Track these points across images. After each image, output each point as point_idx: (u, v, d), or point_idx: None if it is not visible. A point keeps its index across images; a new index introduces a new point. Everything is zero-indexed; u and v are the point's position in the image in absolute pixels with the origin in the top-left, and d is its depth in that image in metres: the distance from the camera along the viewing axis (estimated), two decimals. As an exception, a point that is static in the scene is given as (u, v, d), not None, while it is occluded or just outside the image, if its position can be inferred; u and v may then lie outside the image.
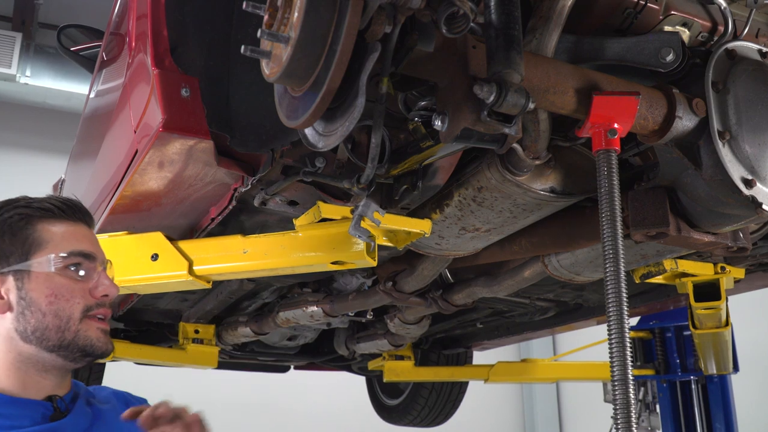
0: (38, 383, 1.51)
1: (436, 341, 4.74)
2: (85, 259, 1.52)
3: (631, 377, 1.42)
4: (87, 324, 1.50)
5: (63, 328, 1.48)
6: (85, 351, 1.50)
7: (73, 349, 1.49)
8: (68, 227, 1.54)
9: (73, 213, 1.56)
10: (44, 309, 1.47)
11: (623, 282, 1.46)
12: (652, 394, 5.08)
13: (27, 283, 1.48)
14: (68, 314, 1.48)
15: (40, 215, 1.52)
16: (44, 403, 1.51)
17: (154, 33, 1.92)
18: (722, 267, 2.73)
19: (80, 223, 1.57)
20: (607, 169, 1.53)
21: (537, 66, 1.50)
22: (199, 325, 3.87)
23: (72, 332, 1.48)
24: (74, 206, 1.58)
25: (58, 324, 1.47)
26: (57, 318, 1.47)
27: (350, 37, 1.24)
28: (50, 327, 1.47)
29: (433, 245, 2.30)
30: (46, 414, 1.49)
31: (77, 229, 1.55)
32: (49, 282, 1.48)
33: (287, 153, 1.92)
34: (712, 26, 1.79)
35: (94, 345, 1.51)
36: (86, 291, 1.51)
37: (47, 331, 1.47)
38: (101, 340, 1.52)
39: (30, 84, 7.88)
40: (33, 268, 1.48)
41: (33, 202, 1.55)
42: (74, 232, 1.54)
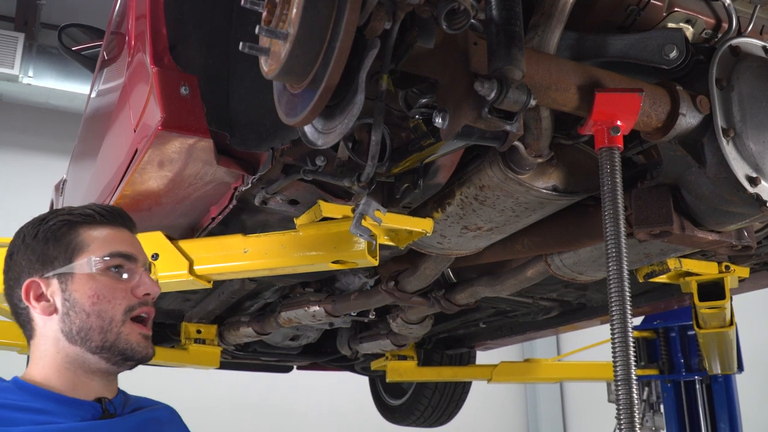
0: (86, 384, 1.55)
1: (439, 341, 4.73)
2: (126, 260, 1.57)
3: (635, 377, 1.40)
4: (129, 327, 1.54)
5: (106, 329, 1.52)
6: (125, 354, 1.54)
7: (114, 351, 1.53)
8: (109, 231, 1.60)
9: (114, 218, 1.62)
10: (88, 309, 1.52)
11: (626, 281, 1.44)
12: (656, 394, 5.07)
13: (71, 285, 1.53)
14: (111, 315, 1.52)
15: (81, 221, 1.59)
16: (93, 404, 1.54)
17: (153, 31, 1.91)
18: (726, 266, 2.71)
19: (121, 227, 1.63)
20: (610, 166, 1.51)
21: (539, 63, 1.48)
22: (201, 325, 3.87)
23: (114, 334, 1.52)
24: (115, 212, 1.64)
25: (101, 324, 1.52)
26: (100, 318, 1.52)
27: (349, 34, 1.23)
28: (94, 327, 1.51)
29: (435, 244, 2.29)
30: (95, 414, 1.53)
31: (118, 233, 1.61)
32: (91, 283, 1.53)
33: (287, 152, 1.90)
34: (716, 23, 1.77)
35: (134, 349, 1.54)
36: (128, 291, 1.55)
37: (91, 332, 1.52)
38: (141, 344, 1.55)
39: (33, 84, 7.88)
40: (76, 270, 1.54)
41: (75, 210, 1.62)
42: (115, 236, 1.59)
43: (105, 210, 1.63)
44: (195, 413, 8.64)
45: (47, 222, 1.59)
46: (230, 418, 8.63)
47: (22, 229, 1.62)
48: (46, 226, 1.58)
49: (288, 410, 8.96)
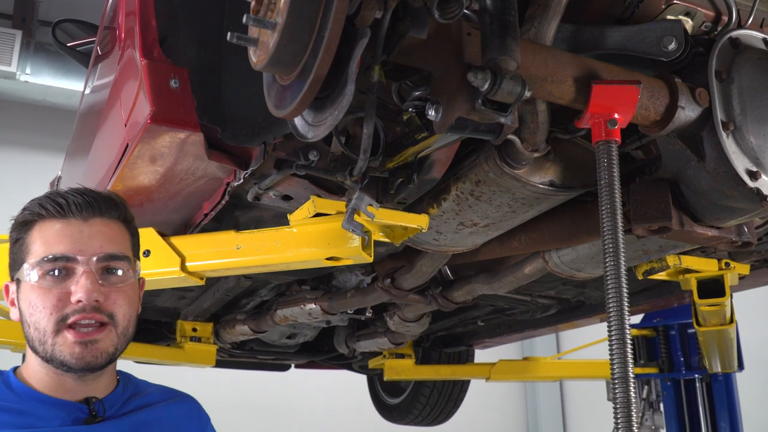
0: (68, 383, 1.47)
1: (437, 339, 4.71)
2: (61, 261, 1.43)
3: (632, 375, 1.37)
4: (62, 338, 1.41)
5: (42, 340, 1.42)
6: (63, 365, 1.42)
7: (56, 362, 1.42)
8: (55, 228, 1.46)
9: (67, 208, 1.47)
10: (28, 320, 1.44)
11: (623, 276, 1.42)
12: (656, 393, 5.05)
13: (20, 294, 1.46)
14: (44, 326, 1.41)
15: (36, 218, 1.47)
16: (79, 405, 1.46)
17: (143, 23, 1.88)
18: (726, 263, 2.68)
19: (72, 218, 1.47)
20: (607, 160, 1.48)
21: (534, 54, 1.45)
22: (197, 323, 3.85)
23: (49, 345, 1.41)
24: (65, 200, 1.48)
25: (38, 336, 1.42)
26: (37, 330, 1.42)
27: (338, 23, 1.20)
28: (34, 338, 1.43)
29: (431, 241, 2.26)
30: (80, 417, 1.45)
31: (64, 228, 1.46)
32: (29, 291, 1.43)
33: (280, 146, 1.88)
34: (715, 16, 1.74)
35: (68, 361, 1.41)
36: (57, 299, 1.42)
37: (33, 343, 1.44)
38: (75, 354, 1.41)
39: (30, 82, 7.85)
40: (20, 277, 1.46)
41: (35, 202, 1.50)
42: (58, 234, 1.45)
43: (54, 200, 1.47)
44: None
45: (18, 217, 1.51)
46: (228, 417, 8.60)
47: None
48: (14, 224, 1.50)
49: (286, 409, 8.94)
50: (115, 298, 1.46)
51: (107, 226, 1.50)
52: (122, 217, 1.54)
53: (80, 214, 1.47)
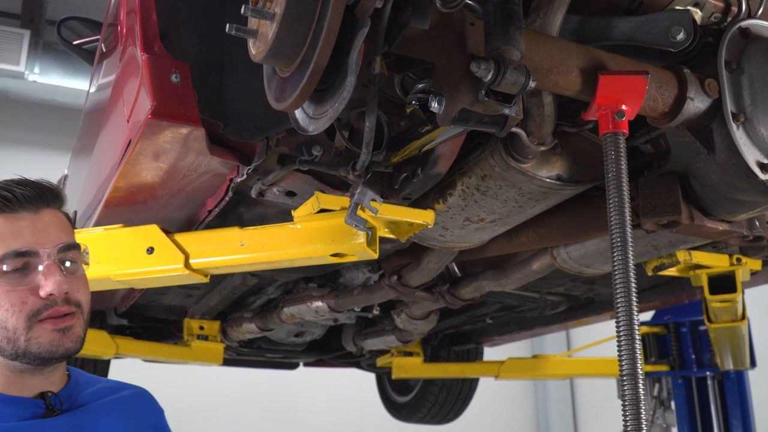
0: (23, 381, 1.45)
1: (445, 337, 4.69)
2: (23, 257, 1.40)
3: (641, 372, 1.35)
4: (39, 330, 1.39)
5: (12, 338, 1.38)
6: (41, 357, 1.40)
7: (29, 357, 1.40)
8: (10, 222, 1.41)
9: (17, 202, 1.42)
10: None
11: (632, 272, 1.39)
12: (667, 391, 5.02)
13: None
14: (13, 324, 1.38)
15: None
16: (35, 400, 1.45)
17: (143, 18, 1.86)
18: (738, 258, 2.65)
19: (22, 211, 1.43)
20: (615, 153, 1.46)
21: (539, 44, 1.43)
22: (204, 321, 3.84)
23: (22, 341, 1.38)
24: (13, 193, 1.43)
25: (6, 335, 1.38)
26: (4, 329, 1.38)
27: (338, 12, 1.17)
28: (1, 338, 1.39)
29: (437, 237, 2.24)
30: (36, 412, 1.43)
31: (15, 222, 1.42)
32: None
33: (283, 141, 1.86)
34: (725, 6, 1.71)
35: (48, 350, 1.40)
36: (29, 294, 1.39)
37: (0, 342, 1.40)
38: (54, 343, 1.40)
39: (38, 81, 7.87)
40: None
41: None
42: (10, 228, 1.41)
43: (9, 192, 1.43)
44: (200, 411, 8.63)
45: None
46: (235, 416, 8.61)
47: None
48: None
49: (294, 408, 8.94)
50: (78, 286, 1.46)
51: (56, 216, 1.48)
52: (62, 205, 1.52)
53: (30, 206, 1.44)
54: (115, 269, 2.25)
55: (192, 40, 1.94)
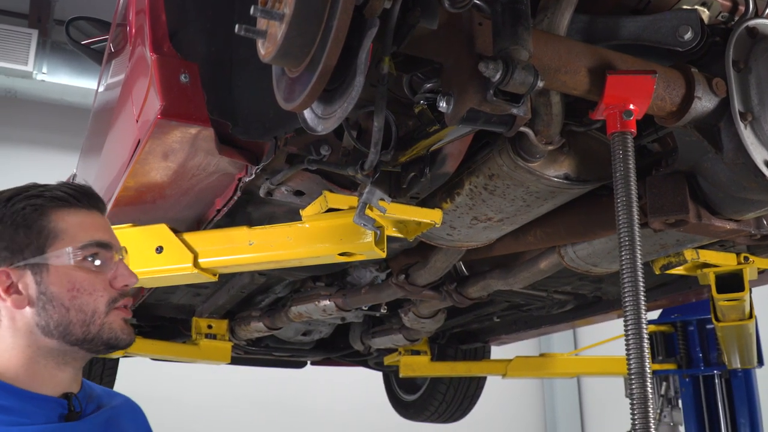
0: (54, 378, 1.47)
1: (453, 336, 4.69)
2: (103, 249, 1.47)
3: (649, 370, 1.35)
4: (113, 317, 1.47)
5: (88, 322, 1.44)
6: (109, 343, 1.47)
7: (97, 342, 1.46)
8: (83, 216, 1.48)
9: (87, 200, 1.50)
10: (67, 304, 1.43)
11: (640, 271, 1.39)
12: (675, 389, 5.00)
13: (46, 277, 1.43)
14: (93, 308, 1.44)
15: (53, 205, 1.46)
16: (60, 400, 1.47)
17: (152, 18, 1.87)
18: (745, 257, 2.65)
19: (94, 210, 1.51)
20: (623, 152, 1.46)
21: (547, 44, 1.43)
22: (212, 320, 3.85)
23: (97, 326, 1.45)
24: (87, 193, 1.52)
25: (83, 318, 1.44)
26: (81, 312, 1.43)
27: (347, 13, 1.18)
28: (74, 322, 1.43)
29: (445, 236, 2.25)
30: (62, 413, 1.46)
31: (92, 218, 1.50)
32: (69, 276, 1.44)
33: (291, 141, 1.86)
34: (732, 5, 1.71)
35: (119, 337, 1.48)
36: (107, 282, 1.47)
37: (71, 326, 1.43)
38: (125, 331, 1.49)
39: (47, 81, 7.88)
40: (51, 262, 1.43)
41: (45, 191, 1.49)
42: (89, 221, 1.49)
43: (76, 191, 1.50)
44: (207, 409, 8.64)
45: (14, 204, 1.45)
46: (243, 414, 8.62)
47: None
48: (13, 209, 1.45)
49: (301, 406, 8.94)
50: None
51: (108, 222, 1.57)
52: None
53: (96, 206, 1.53)
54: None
55: (201, 40, 1.95)
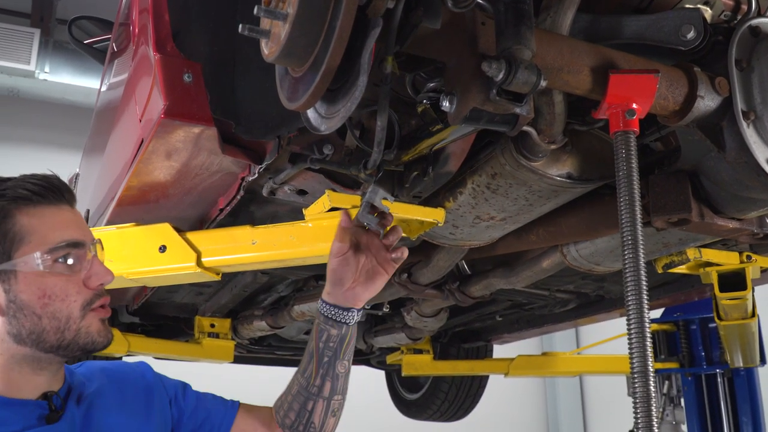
0: (32, 381, 1.42)
1: (455, 335, 4.69)
2: (74, 248, 1.39)
3: (652, 370, 1.35)
4: (89, 319, 1.40)
5: (62, 328, 1.38)
6: (85, 348, 1.41)
7: (73, 348, 1.40)
8: (50, 213, 1.40)
9: (53, 194, 1.41)
10: (39, 312, 1.36)
11: (643, 270, 1.39)
12: (677, 388, 5.00)
13: (15, 285, 1.36)
14: (66, 314, 1.38)
15: (16, 205, 1.38)
16: (40, 402, 1.42)
17: (155, 18, 1.87)
18: (748, 256, 2.64)
19: (62, 204, 1.43)
20: (626, 151, 1.46)
21: (550, 43, 1.43)
22: (214, 319, 3.85)
23: (72, 331, 1.38)
24: (52, 186, 1.42)
25: (56, 325, 1.37)
26: (55, 320, 1.37)
27: (350, 13, 1.18)
28: (48, 329, 1.37)
29: (447, 235, 2.25)
30: (42, 414, 1.41)
31: (60, 214, 1.41)
32: (39, 282, 1.36)
33: (294, 140, 1.87)
34: (735, 4, 1.71)
35: (95, 341, 1.41)
36: (80, 283, 1.40)
37: (44, 334, 1.37)
38: (101, 333, 1.42)
39: (49, 80, 7.89)
40: (19, 268, 1.36)
41: (7, 190, 1.39)
42: (58, 219, 1.40)
43: (41, 186, 1.40)
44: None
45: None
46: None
47: None
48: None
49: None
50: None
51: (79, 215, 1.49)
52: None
53: (63, 199, 1.44)
54: (127, 267, 2.27)
55: (204, 39, 1.95)
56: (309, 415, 1.70)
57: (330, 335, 1.63)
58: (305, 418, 1.70)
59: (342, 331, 1.64)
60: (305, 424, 1.70)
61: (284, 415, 1.72)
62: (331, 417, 1.72)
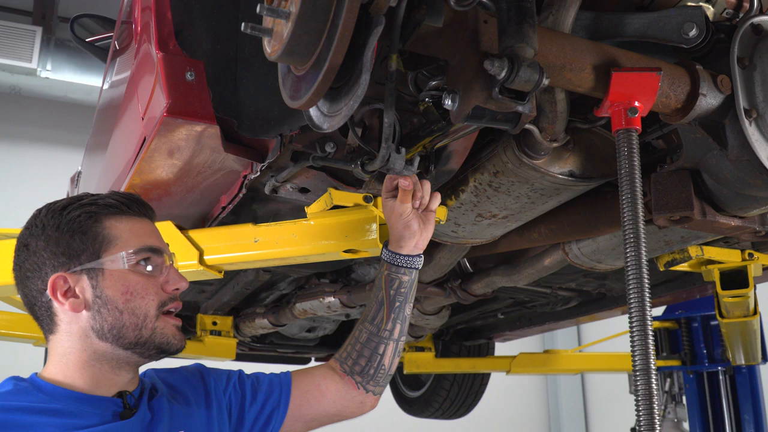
0: (111, 380, 1.51)
1: (457, 332, 4.70)
2: (154, 253, 1.52)
3: (654, 367, 1.35)
4: (163, 321, 1.50)
5: (140, 325, 1.48)
6: (161, 348, 1.51)
7: (149, 346, 1.50)
8: (134, 223, 1.54)
9: (137, 208, 1.57)
10: (121, 307, 1.47)
11: (645, 267, 1.40)
12: (679, 386, 5.01)
13: (101, 281, 1.48)
14: (144, 311, 1.48)
15: (106, 212, 1.52)
16: (115, 399, 1.51)
17: (158, 16, 1.87)
18: (750, 253, 2.64)
19: (144, 217, 1.58)
20: (628, 149, 1.46)
21: (552, 41, 1.43)
22: (216, 316, 3.86)
23: (149, 329, 1.49)
24: (137, 201, 1.58)
25: (135, 322, 1.48)
26: (134, 315, 1.48)
27: (353, 11, 1.18)
28: (127, 325, 1.47)
29: (450, 233, 2.25)
30: (116, 411, 1.49)
31: (143, 224, 1.56)
32: (123, 279, 1.48)
33: (296, 138, 1.87)
34: (737, 2, 1.71)
35: (170, 342, 1.51)
36: (158, 286, 1.51)
37: (124, 329, 1.48)
38: (176, 336, 1.52)
39: (51, 78, 7.87)
40: (106, 266, 1.49)
41: (98, 199, 1.55)
42: (141, 228, 1.55)
43: (127, 199, 1.57)
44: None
45: (69, 212, 1.51)
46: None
47: (39, 217, 1.52)
48: (69, 217, 1.50)
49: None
50: None
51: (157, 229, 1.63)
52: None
53: (146, 214, 1.59)
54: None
55: (206, 37, 1.95)
56: (380, 358, 1.86)
57: (402, 282, 1.82)
58: (376, 362, 1.86)
59: (412, 276, 1.84)
60: (376, 367, 1.86)
61: (353, 362, 1.86)
62: (396, 357, 1.89)
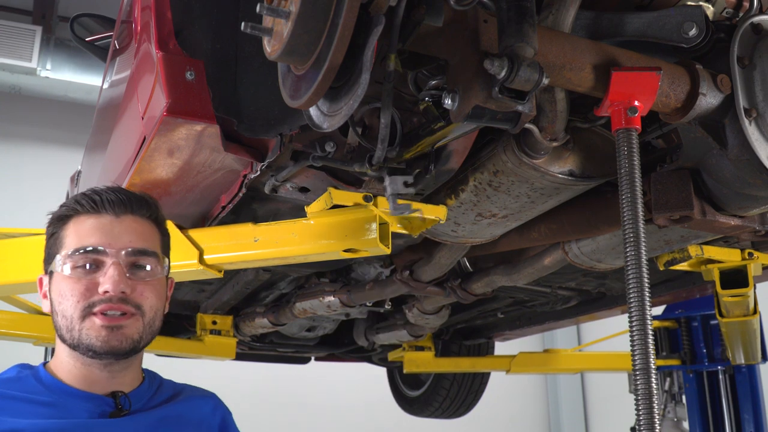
0: (95, 376, 1.53)
1: (456, 332, 4.70)
2: (92, 254, 1.50)
3: (654, 366, 1.35)
4: (89, 322, 1.48)
5: (70, 327, 1.49)
6: (90, 349, 1.49)
7: (82, 348, 1.49)
8: (89, 222, 1.53)
9: (101, 205, 1.54)
10: (57, 309, 1.51)
11: (645, 266, 1.40)
12: (679, 385, 5.00)
13: (53, 284, 1.53)
14: (70, 314, 1.49)
15: (71, 213, 1.55)
16: (106, 398, 1.52)
17: (158, 15, 1.87)
18: (750, 253, 2.64)
19: (105, 213, 1.54)
20: (628, 148, 1.46)
21: (552, 41, 1.43)
22: (216, 316, 3.86)
23: (77, 331, 1.48)
24: (100, 197, 1.55)
25: (66, 324, 1.49)
26: (64, 318, 1.49)
27: (352, 11, 1.19)
28: (61, 326, 1.50)
29: (450, 232, 2.25)
30: (106, 410, 1.51)
31: (97, 222, 1.53)
32: (60, 281, 1.51)
33: (296, 138, 1.86)
34: (737, 2, 1.71)
35: (94, 345, 1.48)
36: (88, 288, 1.48)
37: (61, 331, 1.51)
38: (101, 338, 1.47)
39: (51, 77, 7.87)
40: (53, 269, 1.53)
41: (72, 199, 1.57)
42: (91, 227, 1.52)
43: (95, 197, 1.55)
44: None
45: (53, 214, 1.59)
46: (247, 410, 8.62)
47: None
48: (50, 219, 1.58)
49: (305, 402, 8.94)
50: (142, 290, 1.52)
51: (137, 223, 1.57)
52: (153, 216, 1.61)
53: (113, 210, 1.54)
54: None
55: (206, 37, 1.95)
56: None
57: None
58: None
59: None
60: None
61: None
62: None
